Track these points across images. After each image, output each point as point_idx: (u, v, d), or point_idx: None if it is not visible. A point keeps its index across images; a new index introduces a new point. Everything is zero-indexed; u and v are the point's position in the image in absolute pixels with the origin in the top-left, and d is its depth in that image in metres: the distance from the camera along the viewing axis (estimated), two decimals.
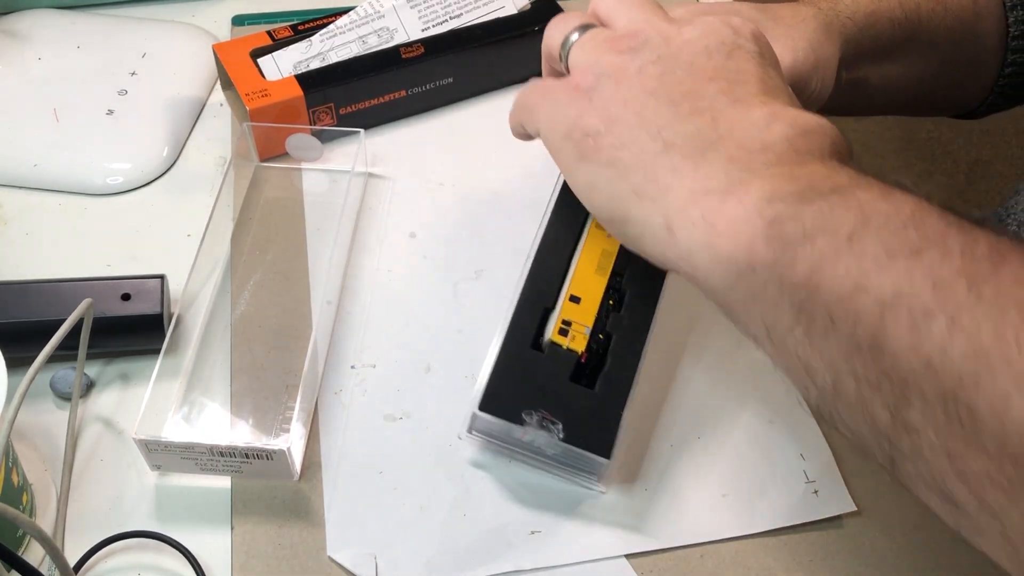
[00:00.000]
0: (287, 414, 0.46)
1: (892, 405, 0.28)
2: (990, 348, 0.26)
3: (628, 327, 0.44)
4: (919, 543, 0.43)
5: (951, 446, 0.27)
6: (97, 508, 0.44)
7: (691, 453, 0.46)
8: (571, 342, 0.43)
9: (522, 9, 0.62)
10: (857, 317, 0.29)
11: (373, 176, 0.58)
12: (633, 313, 0.44)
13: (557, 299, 0.45)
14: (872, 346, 0.29)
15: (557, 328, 0.44)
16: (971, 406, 0.26)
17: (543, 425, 0.41)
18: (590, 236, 0.46)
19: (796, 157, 0.35)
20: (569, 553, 0.42)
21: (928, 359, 0.27)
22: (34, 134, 0.58)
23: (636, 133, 0.37)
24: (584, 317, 0.44)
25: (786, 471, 0.45)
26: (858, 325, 0.29)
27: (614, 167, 0.37)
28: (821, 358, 0.31)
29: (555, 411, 0.41)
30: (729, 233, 0.33)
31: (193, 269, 0.50)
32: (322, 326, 0.49)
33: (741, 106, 0.37)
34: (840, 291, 0.30)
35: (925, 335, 0.27)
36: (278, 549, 0.42)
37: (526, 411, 0.41)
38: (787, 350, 0.32)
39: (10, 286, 0.48)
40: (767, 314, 0.33)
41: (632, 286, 0.45)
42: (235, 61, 0.58)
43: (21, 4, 0.66)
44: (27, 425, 0.46)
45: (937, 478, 0.28)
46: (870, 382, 0.29)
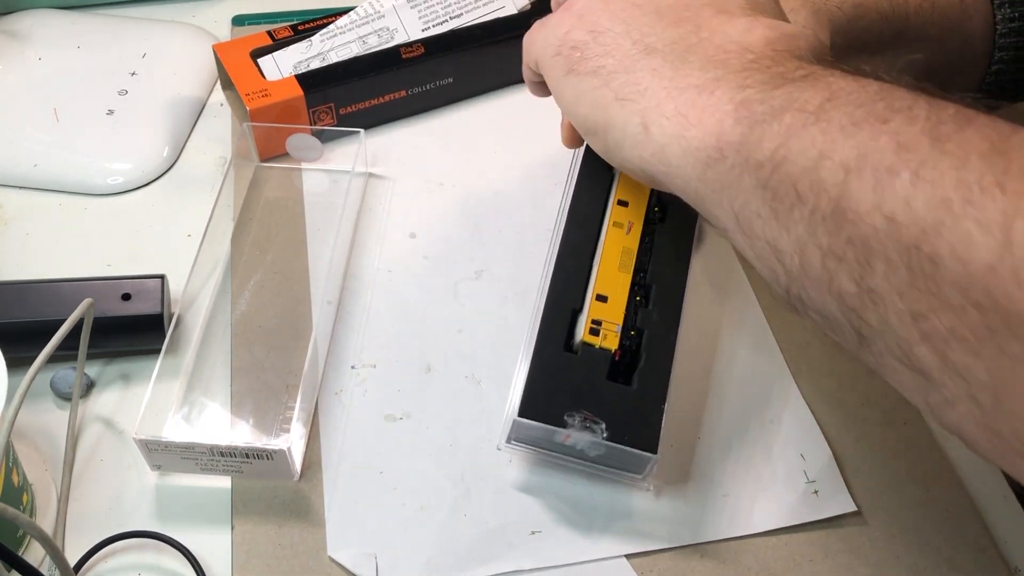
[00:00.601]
0: (287, 414, 0.46)
1: (857, 274, 0.28)
2: (952, 194, 0.26)
3: (659, 321, 0.44)
4: (919, 543, 0.43)
5: (915, 306, 0.27)
6: (97, 508, 0.44)
7: (691, 453, 0.46)
8: (603, 341, 0.43)
9: (522, 9, 0.62)
10: (821, 185, 0.29)
11: (373, 176, 0.58)
12: (662, 306, 0.44)
13: (584, 300, 0.44)
14: (836, 212, 0.29)
15: (587, 328, 0.43)
16: (934, 255, 0.26)
17: (586, 426, 0.41)
18: (608, 236, 0.46)
19: (773, 55, 0.35)
20: (569, 553, 0.42)
21: (891, 215, 0.27)
22: (34, 134, 0.58)
23: (620, 41, 0.38)
24: (613, 315, 0.44)
25: (786, 471, 0.45)
26: (822, 193, 0.29)
27: (598, 75, 0.38)
28: (788, 235, 0.31)
29: (596, 411, 0.41)
30: (700, 122, 0.34)
31: (193, 269, 0.50)
32: (322, 326, 0.49)
33: (725, 15, 0.37)
34: (805, 162, 0.30)
35: (888, 192, 0.27)
36: (278, 549, 0.42)
37: (568, 413, 0.41)
38: (755, 234, 0.32)
39: (10, 286, 0.48)
40: (736, 198, 0.33)
41: (657, 280, 0.45)
42: (235, 61, 0.58)
43: (21, 4, 0.66)
44: (27, 425, 0.46)
45: (903, 347, 0.28)
46: (835, 253, 0.29)
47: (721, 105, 0.34)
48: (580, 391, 0.41)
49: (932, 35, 0.55)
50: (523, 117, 0.61)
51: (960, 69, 0.58)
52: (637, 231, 0.46)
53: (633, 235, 0.46)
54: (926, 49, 0.56)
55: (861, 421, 0.47)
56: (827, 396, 0.48)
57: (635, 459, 0.41)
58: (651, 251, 0.46)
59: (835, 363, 0.49)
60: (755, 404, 0.47)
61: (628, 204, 0.47)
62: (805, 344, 0.50)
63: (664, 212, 0.47)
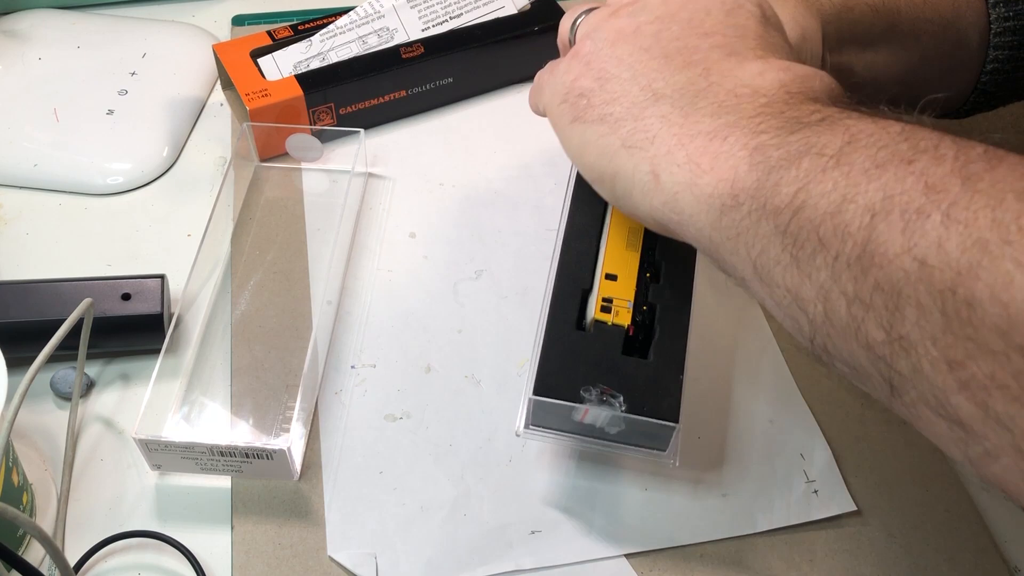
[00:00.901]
0: (287, 414, 0.46)
1: (886, 321, 0.27)
2: (988, 235, 0.25)
3: (671, 295, 0.43)
4: (919, 543, 0.43)
5: (951, 354, 0.26)
6: (97, 508, 0.44)
7: (691, 453, 0.46)
8: (615, 317, 0.42)
9: (522, 9, 0.62)
10: (846, 230, 0.28)
11: (373, 176, 0.58)
12: (673, 281, 0.44)
13: (593, 280, 0.44)
14: (862, 257, 0.28)
15: (598, 306, 0.43)
16: (970, 299, 0.25)
17: (603, 400, 0.40)
18: (614, 217, 0.46)
19: (787, 98, 0.34)
20: (569, 553, 0.42)
21: (922, 259, 0.26)
22: (34, 134, 0.58)
23: (627, 87, 0.37)
24: (624, 292, 0.43)
25: (786, 471, 0.45)
26: (847, 238, 0.28)
27: (605, 122, 0.37)
28: (810, 283, 0.30)
29: (613, 385, 0.40)
30: (712, 169, 0.33)
31: (193, 269, 0.50)
32: (322, 326, 0.49)
33: (736, 58, 0.36)
34: (827, 206, 0.29)
35: (919, 234, 0.26)
36: (278, 549, 0.42)
37: (584, 388, 0.40)
38: (775, 283, 0.31)
39: (10, 286, 0.48)
40: (753, 246, 0.32)
41: (667, 256, 0.44)
42: (235, 61, 0.58)
43: (21, 4, 0.66)
44: (27, 425, 0.46)
45: (939, 396, 0.26)
46: (862, 300, 0.28)
47: (735, 151, 0.33)
48: (596, 367, 0.41)
49: (924, 30, 0.55)
50: (523, 117, 0.61)
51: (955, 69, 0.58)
52: None
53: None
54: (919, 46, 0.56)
55: (861, 421, 0.47)
56: (827, 396, 0.48)
57: (657, 431, 0.40)
58: None
59: None
60: (755, 404, 0.48)
61: None
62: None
63: None
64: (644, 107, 0.36)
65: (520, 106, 0.62)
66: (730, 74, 0.36)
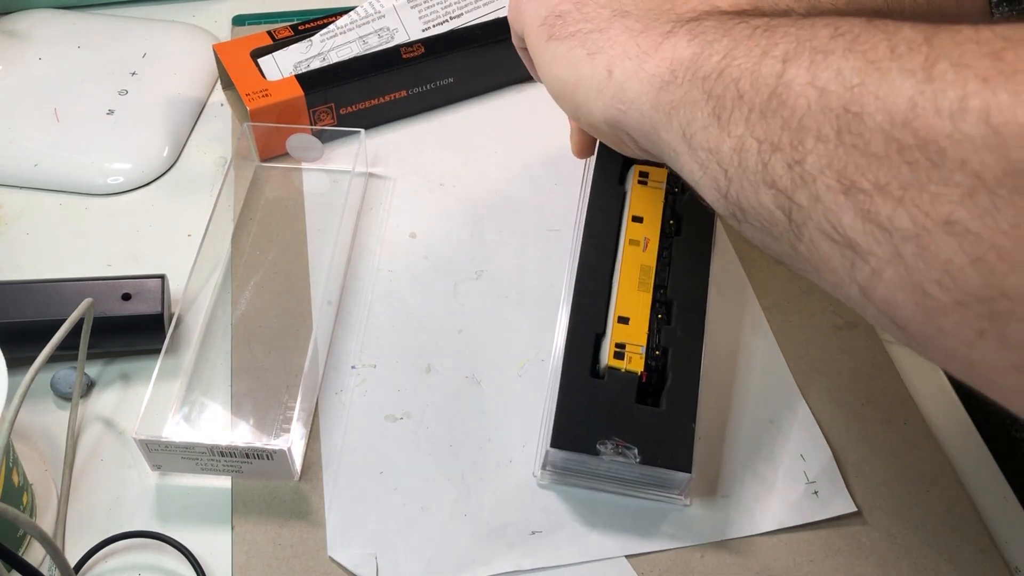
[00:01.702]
0: (287, 414, 0.46)
1: (789, 156, 0.29)
2: (880, 56, 0.27)
3: (683, 338, 0.44)
4: (919, 543, 0.43)
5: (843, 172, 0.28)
6: (97, 508, 0.44)
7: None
8: (628, 364, 0.43)
9: None
10: (761, 79, 0.31)
11: (373, 176, 0.58)
12: (685, 322, 0.44)
13: (606, 323, 0.44)
14: (771, 99, 0.30)
15: (612, 353, 0.43)
16: (861, 111, 0.27)
17: (619, 452, 0.41)
18: (625, 254, 0.46)
19: (739, 11, 0.37)
20: (569, 553, 0.42)
21: (823, 86, 0.28)
22: (34, 134, 0.58)
23: (600, 10, 0.39)
24: (636, 336, 0.44)
25: (786, 471, 0.45)
26: (762, 87, 0.30)
27: (575, 37, 0.39)
28: (728, 139, 0.32)
29: (627, 435, 0.41)
30: (658, 53, 0.36)
31: (193, 269, 0.50)
32: (322, 326, 0.49)
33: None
34: (747, 63, 0.31)
35: (822, 67, 0.28)
36: (278, 549, 0.42)
37: (600, 441, 0.41)
38: (699, 146, 0.34)
39: (10, 286, 0.48)
40: (683, 116, 0.34)
41: (678, 296, 0.45)
42: (235, 61, 0.58)
43: (21, 4, 0.66)
44: (27, 425, 0.46)
45: (832, 220, 0.28)
46: (771, 142, 0.30)
47: (680, 39, 0.35)
48: (610, 416, 0.42)
49: None
50: (523, 117, 0.61)
51: None
52: (654, 247, 0.46)
53: (650, 251, 0.46)
54: None
55: (861, 421, 0.47)
56: (827, 396, 0.48)
57: (670, 479, 0.42)
58: (669, 266, 0.46)
59: (835, 363, 0.49)
60: (755, 404, 0.48)
61: (643, 220, 0.47)
62: (805, 344, 0.50)
63: (679, 225, 0.47)
64: (611, 21, 0.39)
65: (520, 106, 0.62)
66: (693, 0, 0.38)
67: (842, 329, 0.51)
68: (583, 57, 0.39)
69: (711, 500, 0.44)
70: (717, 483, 0.45)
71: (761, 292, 0.52)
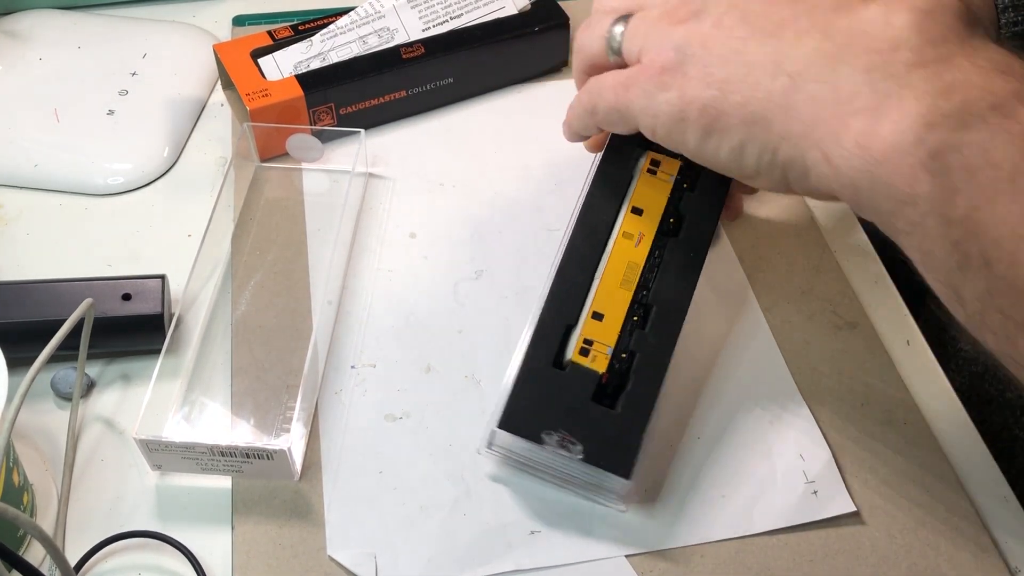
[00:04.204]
0: (287, 414, 0.46)
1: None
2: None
3: (653, 345, 0.43)
4: (919, 543, 0.43)
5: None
6: (98, 508, 0.44)
7: (691, 453, 0.46)
8: (592, 362, 0.42)
9: (522, 9, 0.62)
10: (1013, 259, 0.29)
11: (373, 176, 0.58)
12: (659, 330, 0.43)
13: (579, 316, 0.44)
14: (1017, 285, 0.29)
15: (578, 348, 0.43)
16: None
17: (563, 445, 0.41)
18: (616, 247, 0.45)
19: (934, 52, 0.33)
20: (569, 553, 0.42)
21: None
22: (35, 134, 0.58)
23: (754, 80, 0.36)
24: (607, 336, 0.43)
25: (786, 471, 0.45)
26: (1013, 267, 0.29)
27: (751, 124, 0.36)
28: (972, 290, 0.31)
29: (575, 431, 0.41)
30: (889, 161, 0.32)
31: (194, 269, 0.50)
32: (322, 326, 0.49)
33: (844, 11, 0.35)
34: (997, 234, 0.30)
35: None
36: (278, 549, 0.42)
37: (546, 431, 0.41)
38: (940, 276, 0.32)
39: (11, 286, 0.48)
40: (924, 243, 0.33)
41: (659, 301, 0.44)
42: (235, 61, 0.58)
43: (22, 4, 0.66)
44: (28, 425, 0.46)
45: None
46: (1017, 322, 0.29)
47: (911, 149, 0.32)
48: (563, 409, 0.41)
49: None
50: (523, 117, 0.61)
51: None
52: (647, 244, 0.45)
53: (642, 248, 0.45)
54: None
55: (861, 421, 0.47)
56: (827, 396, 0.48)
57: (609, 482, 0.42)
58: (658, 268, 0.45)
59: (835, 363, 0.49)
60: (755, 404, 0.47)
61: (643, 213, 0.46)
62: (805, 344, 0.50)
63: (680, 224, 0.46)
64: (787, 95, 0.35)
65: (520, 106, 0.62)
66: (852, 30, 0.34)
67: (842, 329, 0.51)
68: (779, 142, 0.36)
69: (711, 500, 0.44)
70: (716, 483, 0.45)
71: (761, 292, 0.52)
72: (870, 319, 0.51)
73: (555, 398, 0.42)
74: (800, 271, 0.53)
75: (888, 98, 0.33)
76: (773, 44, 0.36)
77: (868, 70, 0.34)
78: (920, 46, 0.33)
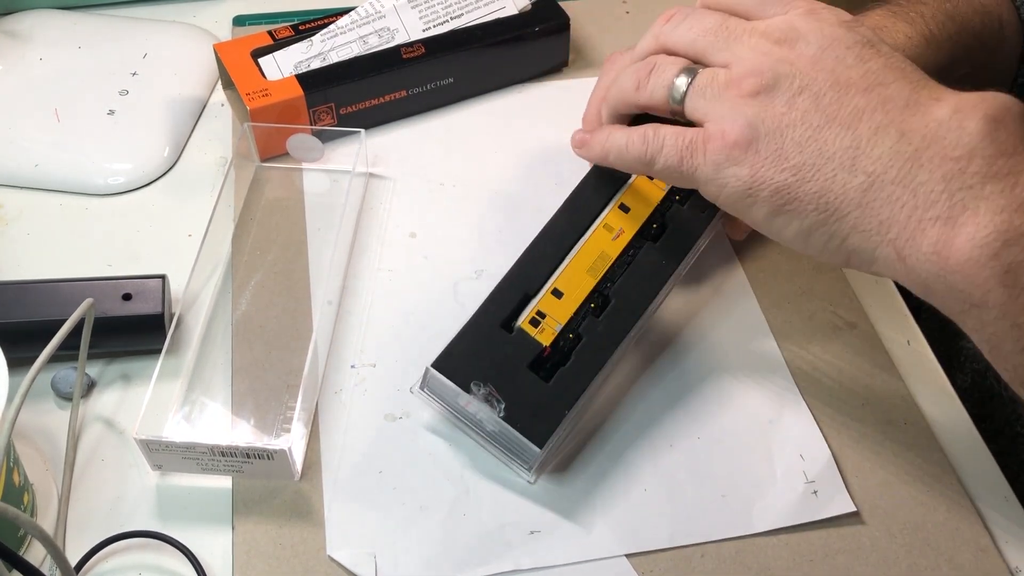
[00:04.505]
0: (288, 414, 0.46)
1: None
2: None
3: (602, 334, 0.44)
4: (919, 543, 0.43)
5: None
6: (98, 508, 0.44)
7: (691, 453, 0.46)
8: (539, 334, 0.44)
9: (522, 10, 0.62)
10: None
11: (374, 176, 0.58)
12: (611, 322, 0.45)
13: (540, 288, 0.45)
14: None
15: (529, 317, 0.44)
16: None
17: (488, 399, 0.42)
18: (594, 235, 0.46)
19: (1007, 163, 0.35)
20: (569, 553, 0.42)
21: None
22: (35, 134, 0.58)
23: (831, 172, 0.37)
24: (560, 314, 0.44)
25: (786, 471, 0.45)
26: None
27: (824, 212, 0.37)
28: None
29: (503, 390, 0.42)
30: (963, 271, 0.34)
31: (194, 269, 0.50)
32: (323, 326, 0.49)
33: (912, 108, 0.37)
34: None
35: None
36: (279, 548, 0.42)
37: (476, 382, 0.42)
38: (1006, 365, 0.35)
39: (11, 286, 0.48)
40: (992, 339, 0.35)
41: (619, 296, 0.45)
42: (236, 61, 0.58)
43: (22, 4, 0.66)
44: (28, 425, 0.46)
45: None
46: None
47: (985, 262, 0.34)
48: (499, 369, 0.43)
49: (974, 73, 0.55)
50: (523, 117, 0.61)
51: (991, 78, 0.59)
52: (624, 240, 0.46)
53: (619, 243, 0.46)
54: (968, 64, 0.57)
55: (861, 421, 0.47)
56: (827, 396, 0.48)
57: (523, 449, 0.43)
58: (628, 266, 0.46)
59: (835, 363, 0.49)
60: (755, 404, 0.47)
61: (629, 211, 0.47)
62: (805, 344, 0.50)
63: (663, 231, 0.47)
64: (864, 192, 0.36)
65: (520, 106, 0.62)
66: (927, 133, 0.36)
67: (842, 329, 0.51)
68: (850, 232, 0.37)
69: (711, 500, 0.44)
70: (717, 483, 0.45)
71: (761, 292, 0.52)
72: (870, 319, 0.51)
73: (494, 355, 0.43)
74: (800, 271, 0.53)
75: (964, 210, 0.34)
76: (850, 138, 0.37)
77: (945, 179, 0.35)
78: (993, 156, 0.35)
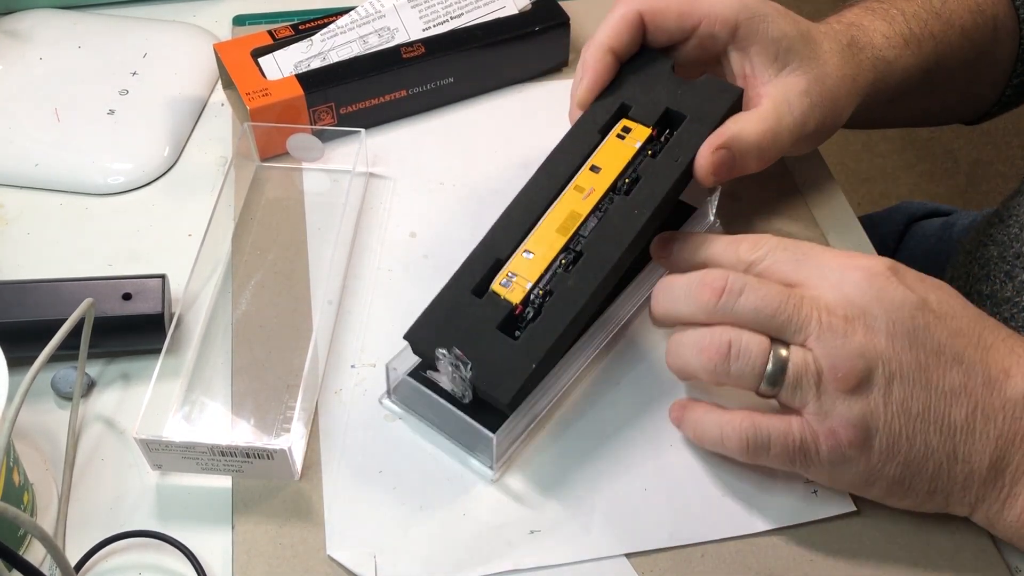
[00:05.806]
0: (288, 414, 0.46)
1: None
2: None
3: (570, 288, 0.44)
4: (919, 543, 0.43)
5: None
6: (98, 508, 0.44)
7: (691, 453, 0.46)
8: (510, 294, 0.44)
9: (522, 9, 0.62)
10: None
11: (374, 176, 0.58)
12: (581, 274, 0.45)
13: (512, 253, 0.45)
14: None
15: (501, 279, 0.45)
16: None
17: (455, 364, 0.42)
18: (565, 197, 0.47)
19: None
20: (569, 553, 0.42)
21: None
22: (35, 134, 0.58)
23: (937, 465, 0.40)
24: (530, 273, 0.45)
25: (786, 471, 0.45)
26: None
27: (933, 494, 0.41)
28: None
29: (469, 351, 0.42)
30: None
31: (194, 269, 0.50)
32: (323, 326, 0.49)
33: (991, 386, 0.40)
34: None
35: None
36: (278, 548, 0.42)
37: (442, 349, 0.42)
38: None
39: (11, 286, 0.48)
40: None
41: (590, 249, 0.45)
42: (236, 60, 0.58)
43: (22, 4, 0.66)
44: (28, 425, 0.46)
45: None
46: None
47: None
48: (465, 331, 0.43)
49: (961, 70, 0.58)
50: (523, 117, 0.61)
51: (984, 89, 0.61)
52: (594, 198, 0.47)
53: (589, 201, 0.47)
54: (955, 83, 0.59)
55: None
56: None
57: (482, 443, 0.43)
58: (600, 220, 0.46)
59: None
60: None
61: (600, 171, 0.48)
62: None
63: (633, 185, 0.47)
64: (968, 479, 0.41)
65: (520, 106, 0.62)
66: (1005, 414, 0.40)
67: None
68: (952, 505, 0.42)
69: (711, 499, 0.44)
70: (717, 483, 0.45)
71: None
72: None
73: (463, 320, 0.44)
74: None
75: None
76: (947, 428, 0.40)
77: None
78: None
